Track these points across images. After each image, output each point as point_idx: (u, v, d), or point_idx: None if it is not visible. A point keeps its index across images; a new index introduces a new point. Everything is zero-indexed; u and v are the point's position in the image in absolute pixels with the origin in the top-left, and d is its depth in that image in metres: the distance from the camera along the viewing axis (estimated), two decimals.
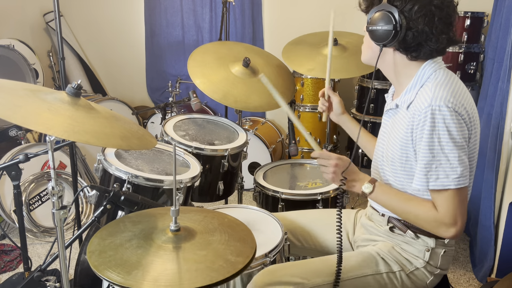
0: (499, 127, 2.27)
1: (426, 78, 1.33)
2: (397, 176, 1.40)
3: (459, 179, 1.24)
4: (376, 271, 1.42)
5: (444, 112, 1.23)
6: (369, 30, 1.35)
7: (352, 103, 3.47)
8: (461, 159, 1.25)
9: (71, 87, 1.24)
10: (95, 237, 1.12)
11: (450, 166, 1.24)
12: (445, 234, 1.28)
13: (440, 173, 1.25)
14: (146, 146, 1.33)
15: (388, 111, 1.47)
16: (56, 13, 2.13)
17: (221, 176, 2.17)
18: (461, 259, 2.66)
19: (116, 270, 1.00)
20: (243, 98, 2.10)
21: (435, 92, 1.26)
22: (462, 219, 1.27)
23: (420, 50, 1.31)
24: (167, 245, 1.09)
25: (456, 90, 1.28)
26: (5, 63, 3.04)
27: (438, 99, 1.25)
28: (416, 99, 1.31)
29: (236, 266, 1.03)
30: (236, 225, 1.22)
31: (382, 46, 1.34)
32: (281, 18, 3.75)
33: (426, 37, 1.28)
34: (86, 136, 1.13)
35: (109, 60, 4.23)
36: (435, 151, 1.25)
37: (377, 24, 1.30)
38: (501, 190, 2.31)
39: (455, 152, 1.24)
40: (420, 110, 1.27)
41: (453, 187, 1.25)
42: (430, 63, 1.33)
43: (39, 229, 2.80)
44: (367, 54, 1.44)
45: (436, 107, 1.24)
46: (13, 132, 2.98)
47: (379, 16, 1.30)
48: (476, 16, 2.85)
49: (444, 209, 1.27)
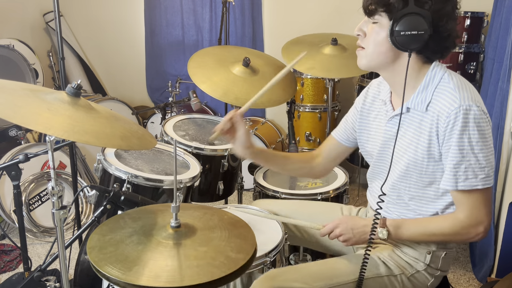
0: (499, 127, 2.27)
1: (439, 78, 1.29)
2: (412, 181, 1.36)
3: (485, 179, 1.24)
4: (376, 274, 1.41)
5: (475, 112, 1.22)
6: (395, 36, 1.23)
7: (352, 103, 3.47)
8: (488, 159, 1.24)
9: (71, 87, 1.24)
10: (95, 233, 1.12)
11: (479, 165, 1.23)
12: (475, 237, 1.27)
13: (469, 173, 1.24)
14: (146, 146, 1.33)
15: (392, 118, 1.39)
16: (56, 13, 2.13)
17: (221, 176, 2.17)
18: (461, 259, 2.66)
19: (116, 266, 1.00)
20: (244, 96, 2.10)
21: (461, 93, 1.24)
22: (488, 218, 1.26)
23: (443, 53, 1.28)
24: (168, 241, 1.09)
25: (475, 92, 1.28)
26: (5, 63, 3.04)
27: (467, 99, 1.23)
28: (436, 100, 1.27)
29: (237, 262, 1.03)
30: (235, 222, 1.22)
31: (410, 52, 1.25)
32: (281, 18, 3.75)
33: (451, 39, 1.26)
34: (86, 136, 1.13)
35: (109, 60, 4.23)
36: (465, 151, 1.23)
37: (407, 29, 1.20)
38: (501, 190, 2.31)
39: (485, 151, 1.23)
40: (448, 112, 1.23)
41: (480, 187, 1.24)
42: (436, 64, 1.32)
43: (39, 229, 2.79)
44: (377, 59, 1.32)
45: (468, 107, 1.22)
46: (13, 132, 2.98)
47: (409, 20, 1.20)
48: (476, 16, 2.85)
49: (469, 210, 1.26)
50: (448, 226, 1.30)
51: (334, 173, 2.26)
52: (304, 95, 3.28)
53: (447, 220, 1.31)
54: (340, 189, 2.08)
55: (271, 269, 1.47)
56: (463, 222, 1.27)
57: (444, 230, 1.30)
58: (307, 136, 3.32)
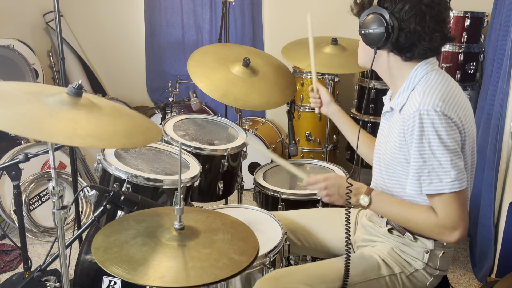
0: (499, 127, 2.27)
1: (417, 80, 1.32)
2: (394, 179, 1.40)
3: (453, 183, 1.23)
4: (379, 275, 1.42)
5: (432, 116, 1.23)
6: (361, 34, 1.34)
7: (352, 103, 3.47)
8: (454, 163, 1.24)
9: (72, 87, 1.21)
10: (99, 234, 1.13)
11: (443, 170, 1.24)
12: (449, 239, 1.27)
13: (433, 177, 1.25)
14: (150, 140, 1.31)
15: (385, 114, 1.47)
16: (56, 13, 2.13)
17: (221, 176, 2.17)
18: (461, 259, 2.66)
19: (122, 266, 1.01)
20: (243, 97, 2.10)
21: (424, 97, 1.26)
22: (464, 222, 1.26)
23: (414, 50, 1.30)
24: (172, 243, 1.10)
25: (446, 94, 1.27)
26: (5, 63, 3.04)
27: (426, 104, 1.24)
28: (408, 103, 1.31)
29: (240, 264, 1.04)
30: (238, 225, 1.23)
31: (376, 49, 1.33)
32: (281, 18, 3.75)
33: (419, 37, 1.28)
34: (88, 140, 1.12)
35: (109, 60, 4.23)
36: (426, 155, 1.24)
37: (369, 27, 1.30)
38: (501, 190, 2.31)
39: (447, 156, 1.23)
40: (409, 115, 1.26)
41: (447, 191, 1.24)
42: (422, 65, 1.33)
43: (39, 229, 2.80)
44: (363, 58, 1.44)
45: (424, 112, 1.23)
46: None
47: (370, 19, 1.30)
48: (476, 16, 2.85)
49: (443, 214, 1.26)
50: (424, 219, 1.30)
51: (334, 173, 2.26)
52: (304, 95, 3.29)
53: (424, 213, 1.30)
54: None
55: (271, 269, 1.47)
56: (438, 224, 1.27)
57: (418, 221, 1.31)
58: (307, 136, 3.32)
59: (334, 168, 2.31)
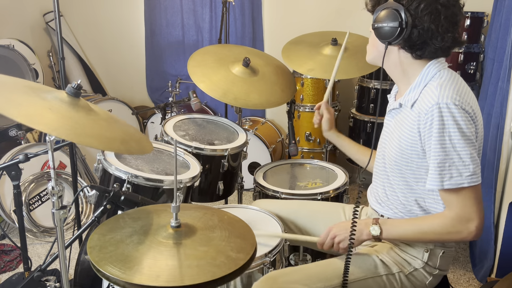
0: (499, 127, 2.27)
1: (430, 77, 1.33)
2: (400, 175, 1.39)
3: (471, 177, 1.24)
4: (375, 274, 1.42)
5: (452, 110, 1.23)
6: (374, 28, 1.35)
7: (352, 103, 3.47)
8: (472, 156, 1.24)
9: (71, 87, 1.22)
10: (95, 233, 1.12)
11: (462, 164, 1.23)
12: (469, 235, 1.27)
13: (453, 171, 1.24)
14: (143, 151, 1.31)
15: (391, 111, 1.47)
16: (56, 13, 2.13)
17: (221, 176, 2.17)
18: (461, 259, 2.66)
19: (117, 266, 1.00)
20: (243, 96, 2.10)
21: (441, 91, 1.26)
22: (480, 216, 1.26)
23: (425, 49, 1.31)
24: (168, 241, 1.09)
25: (461, 89, 1.28)
26: (5, 63, 3.04)
27: (445, 97, 1.24)
28: (421, 98, 1.31)
29: (237, 262, 1.03)
30: (235, 222, 1.22)
31: (387, 44, 1.34)
32: (281, 18, 3.75)
33: (432, 35, 1.28)
34: (89, 139, 1.12)
35: (109, 60, 4.23)
36: (447, 149, 1.24)
37: (383, 22, 1.30)
38: (501, 190, 2.31)
39: (467, 150, 1.23)
40: (427, 109, 1.26)
41: (466, 185, 1.24)
42: (434, 63, 1.33)
43: (39, 229, 2.80)
44: (372, 53, 1.43)
45: (444, 105, 1.23)
46: (13, 132, 2.98)
47: (385, 14, 1.30)
48: (476, 16, 2.85)
49: (459, 209, 1.26)
50: (438, 224, 1.30)
51: (334, 173, 2.26)
52: (304, 95, 3.29)
53: (437, 218, 1.31)
54: (340, 189, 2.09)
55: (271, 269, 1.47)
56: (453, 220, 1.27)
57: (435, 229, 1.31)
58: (307, 136, 3.32)
59: (334, 168, 2.31)
